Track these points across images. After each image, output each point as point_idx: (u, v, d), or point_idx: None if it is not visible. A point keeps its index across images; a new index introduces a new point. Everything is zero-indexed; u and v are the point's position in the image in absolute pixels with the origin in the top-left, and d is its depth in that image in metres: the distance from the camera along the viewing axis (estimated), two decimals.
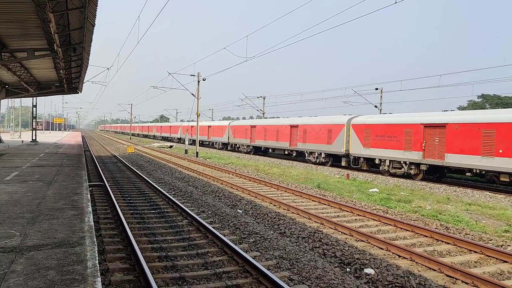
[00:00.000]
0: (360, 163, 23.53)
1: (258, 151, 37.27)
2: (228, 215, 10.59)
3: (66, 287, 3.75)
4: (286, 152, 31.48)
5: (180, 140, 59.66)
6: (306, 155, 28.38)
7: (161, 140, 69.84)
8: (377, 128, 22.24)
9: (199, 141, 44.52)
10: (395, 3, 12.65)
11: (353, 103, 42.35)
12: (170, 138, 66.32)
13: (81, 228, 5.82)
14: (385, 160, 21.44)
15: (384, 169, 21.65)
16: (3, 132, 73.48)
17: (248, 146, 37.83)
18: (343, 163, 24.88)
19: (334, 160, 26.29)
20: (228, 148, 42.57)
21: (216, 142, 45.99)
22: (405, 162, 20.37)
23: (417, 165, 19.83)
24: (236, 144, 40.86)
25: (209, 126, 47.91)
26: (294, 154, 30.72)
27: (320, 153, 26.87)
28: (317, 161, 27.13)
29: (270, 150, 34.84)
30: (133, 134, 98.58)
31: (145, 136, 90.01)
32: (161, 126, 76.47)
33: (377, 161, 22.14)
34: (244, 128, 38.83)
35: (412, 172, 20.05)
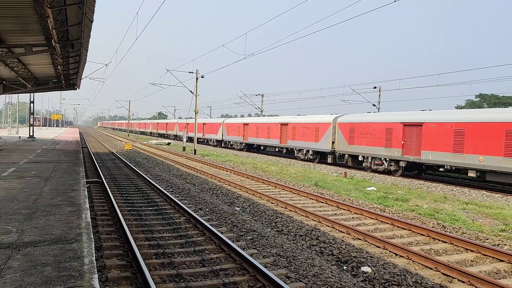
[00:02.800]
0: None
1: (414, 169, 21.28)
2: (226, 212, 10.59)
3: (63, 283, 3.74)
4: None
5: (221, 143, 44.12)
6: None
7: (189, 142, 47.30)
8: None
9: (262, 145, 36.02)
10: (394, 1, 12.67)
11: (351, 101, 42.45)
12: (204, 140, 47.96)
13: (78, 225, 5.81)
14: None
15: None
16: (0, 128, 73.21)
17: (395, 161, 20.84)
18: None
19: None
20: (328, 161, 26.29)
21: (300, 149, 29.23)
22: None
23: None
24: (354, 155, 23.81)
25: (282, 124, 31.69)
26: None
27: None
28: None
29: (445, 167, 18.16)
30: (143, 133, 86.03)
31: (162, 136, 66.85)
32: (187, 124, 50.50)
33: None
34: (375, 127, 22.21)
35: None
